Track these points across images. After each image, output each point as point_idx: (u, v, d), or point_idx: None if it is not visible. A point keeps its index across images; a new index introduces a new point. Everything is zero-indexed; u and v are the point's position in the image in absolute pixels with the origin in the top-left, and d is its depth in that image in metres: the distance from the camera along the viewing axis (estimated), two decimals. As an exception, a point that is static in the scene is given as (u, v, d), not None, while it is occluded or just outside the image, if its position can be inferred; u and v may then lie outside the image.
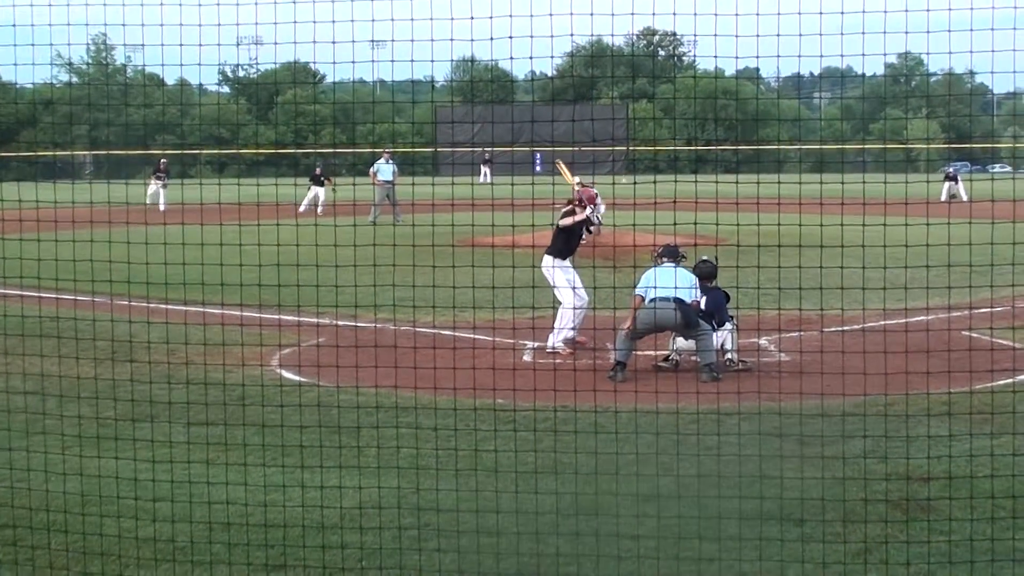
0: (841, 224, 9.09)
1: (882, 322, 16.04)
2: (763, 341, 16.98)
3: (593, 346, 16.69)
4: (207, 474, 9.51)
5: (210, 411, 11.71)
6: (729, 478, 9.51)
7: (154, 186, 49.62)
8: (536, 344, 16.53)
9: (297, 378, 14.87)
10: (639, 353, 15.76)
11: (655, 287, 15.65)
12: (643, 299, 15.69)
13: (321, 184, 47.21)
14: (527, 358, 16.41)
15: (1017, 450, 10.45)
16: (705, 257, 16.73)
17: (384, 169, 44.30)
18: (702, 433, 10.28)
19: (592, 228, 18.65)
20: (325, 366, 12.30)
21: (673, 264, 16.18)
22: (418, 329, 16.23)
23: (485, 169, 66.99)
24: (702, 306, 16.24)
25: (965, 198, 48.49)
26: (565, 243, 17.88)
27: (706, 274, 16.64)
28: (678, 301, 15.49)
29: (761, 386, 12.60)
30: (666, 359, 16.23)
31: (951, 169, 60.16)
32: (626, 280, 14.25)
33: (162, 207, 43.00)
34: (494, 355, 15.03)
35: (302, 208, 42.51)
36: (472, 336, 16.30)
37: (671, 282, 15.37)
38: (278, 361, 15.98)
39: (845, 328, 15.39)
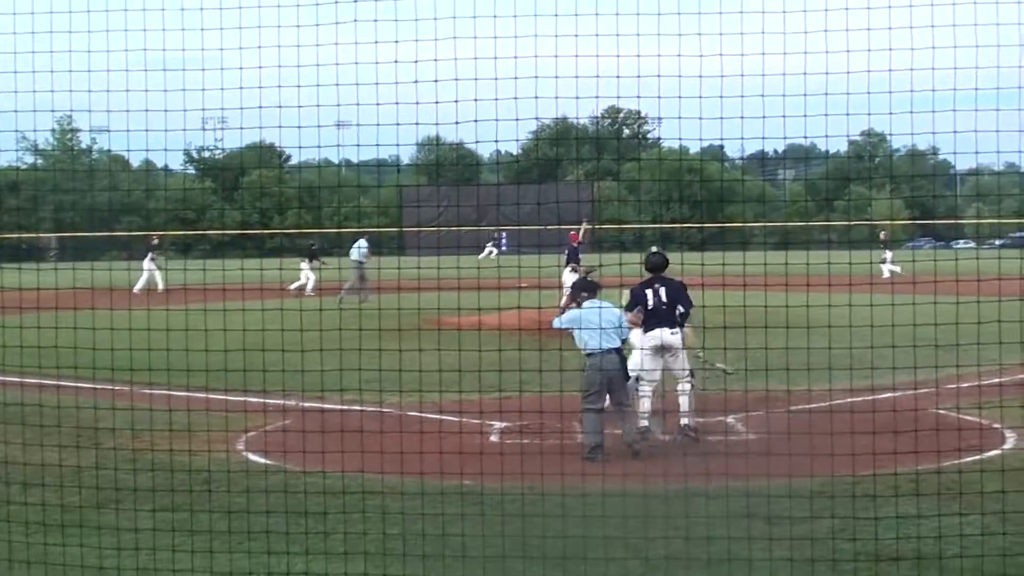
0: (807, 304, 9.14)
1: (849, 399, 16.10)
2: (730, 420, 16.97)
3: (560, 426, 16.65)
4: (172, 561, 9.42)
5: (175, 496, 11.61)
6: (698, 559, 9.48)
7: (147, 270, 48.81)
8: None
9: (263, 461, 14.76)
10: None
11: (601, 329, 15.28)
12: (561, 331, 15.72)
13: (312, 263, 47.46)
14: (494, 439, 16.35)
15: (986, 529, 10.43)
16: (654, 248, 16.87)
17: (356, 250, 44.44)
18: (670, 515, 10.25)
19: None
20: (292, 451, 12.23)
21: (594, 300, 16.08)
22: (384, 411, 16.17)
23: (491, 248, 67.10)
24: (662, 298, 16.36)
25: (897, 271, 48.06)
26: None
27: (659, 265, 16.76)
28: (617, 351, 15.47)
29: (729, 466, 12.58)
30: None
31: (885, 250, 59.72)
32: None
33: (160, 286, 42.32)
34: (461, 437, 14.99)
35: (293, 287, 42.68)
36: (439, 418, 16.24)
37: (613, 322, 15.46)
38: (244, 444, 15.87)
39: (812, 406, 15.42)
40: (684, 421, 16.14)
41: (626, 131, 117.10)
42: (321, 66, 8.96)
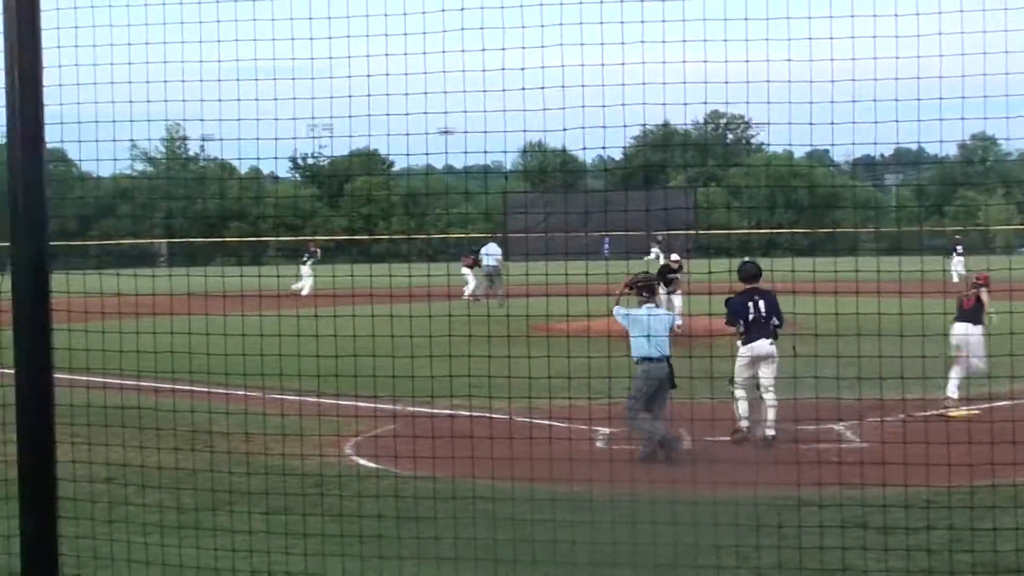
0: (921, 312, 9.01)
1: (964, 410, 15.87)
2: (841, 428, 16.79)
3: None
4: (286, 563, 9.51)
5: (288, 499, 11.71)
6: (811, 569, 9.38)
7: (308, 276, 49.20)
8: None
9: (373, 465, 14.87)
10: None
11: (648, 336, 15.56)
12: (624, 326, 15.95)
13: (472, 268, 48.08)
14: (601, 445, 16.32)
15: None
16: (748, 258, 17.07)
17: (487, 256, 44.25)
18: (783, 524, 10.15)
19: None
20: (401, 456, 12.29)
21: (651, 305, 16.41)
22: (493, 416, 16.20)
23: (656, 251, 67.00)
24: (761, 310, 16.93)
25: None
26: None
27: (753, 275, 17.27)
28: (667, 359, 15.80)
29: (842, 474, 12.44)
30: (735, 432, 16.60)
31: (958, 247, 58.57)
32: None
33: (305, 292, 42.65)
34: (570, 443, 14.97)
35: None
36: (548, 423, 16.23)
37: (661, 330, 15.83)
38: (354, 448, 16.00)
39: (927, 413, 15.21)
40: (769, 433, 16.64)
41: (730, 136, 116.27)
42: (428, 74, 9.00)
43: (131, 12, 8.96)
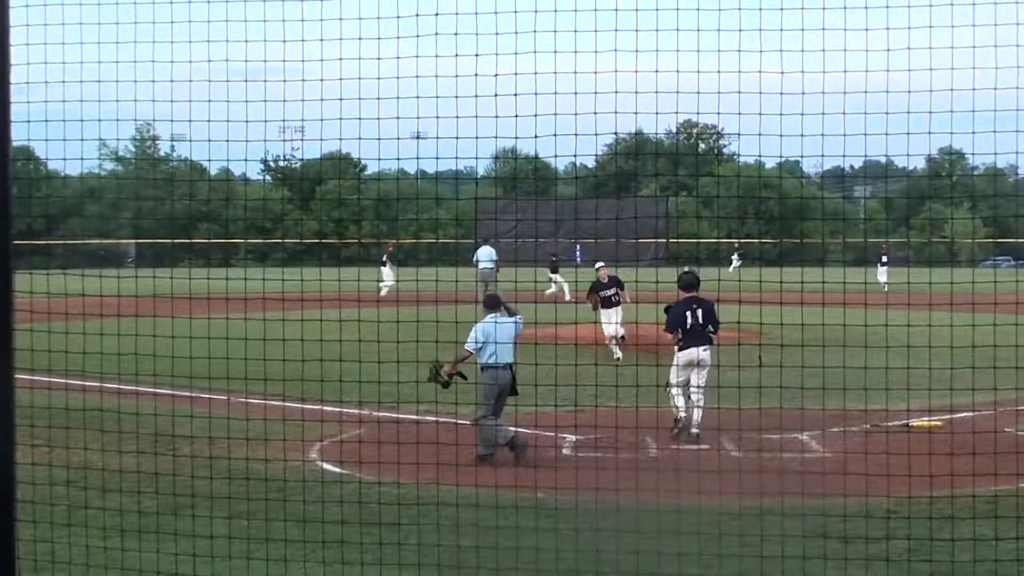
0: (886, 324, 9.06)
1: (926, 419, 15.94)
2: (805, 437, 16.85)
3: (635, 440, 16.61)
4: (247, 568, 9.49)
5: (251, 504, 11.68)
6: (772, 579, 9.41)
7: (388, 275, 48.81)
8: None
9: (338, 470, 14.83)
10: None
11: (495, 342, 15.96)
12: (469, 353, 16.08)
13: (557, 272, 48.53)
14: (567, 452, 16.33)
15: (1065, 553, 10.28)
16: (687, 268, 17.64)
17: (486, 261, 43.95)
18: (745, 533, 10.18)
19: None
20: (366, 461, 12.27)
21: (494, 315, 16.55)
22: (459, 422, 16.19)
23: (738, 260, 67.34)
24: (699, 318, 17.74)
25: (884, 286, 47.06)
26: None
27: (692, 284, 18.09)
28: (510, 366, 16.07)
29: (804, 484, 12.48)
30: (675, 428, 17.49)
31: (884, 256, 59.10)
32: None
33: (384, 293, 42.44)
34: (536, 450, 14.98)
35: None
36: (513, 430, 16.24)
37: (506, 337, 16.04)
38: (319, 453, 15.95)
39: (889, 424, 15.27)
40: (694, 430, 17.56)
41: (702, 146, 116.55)
42: (401, 78, 9.00)
43: (102, 10, 8.94)
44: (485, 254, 43.77)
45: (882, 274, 54.57)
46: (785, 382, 10.70)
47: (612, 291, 29.07)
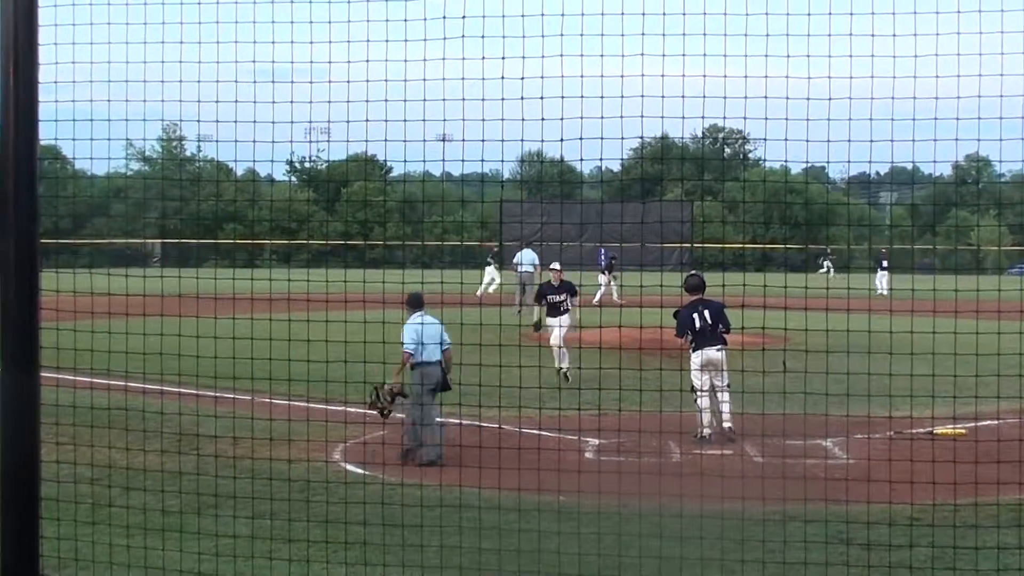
0: (911, 331, 9.01)
1: (950, 427, 15.87)
2: (829, 443, 16.80)
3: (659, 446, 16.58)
4: (270, 568, 9.50)
5: (274, 504, 11.69)
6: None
7: (493, 278, 49.21)
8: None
9: (361, 471, 14.85)
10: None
11: (423, 343, 16.50)
12: (411, 355, 16.48)
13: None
14: (590, 456, 16.31)
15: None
16: (693, 271, 17.94)
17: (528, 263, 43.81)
18: (768, 539, 10.15)
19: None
20: (389, 462, 12.29)
21: (419, 314, 16.94)
22: (483, 424, 16.19)
23: (827, 264, 67.22)
24: (707, 319, 18.21)
25: (885, 291, 46.81)
26: None
27: (697, 286, 18.59)
28: (439, 363, 16.58)
29: (828, 490, 12.44)
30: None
31: (884, 260, 59.04)
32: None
33: (492, 290, 42.58)
34: (559, 453, 14.94)
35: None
36: (537, 433, 16.24)
37: (433, 336, 16.54)
38: (342, 454, 15.98)
39: (914, 431, 15.22)
40: (726, 425, 18.02)
41: (727, 150, 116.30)
42: (428, 81, 8.99)
43: (130, 11, 8.96)
44: (527, 258, 43.73)
45: (882, 279, 54.55)
46: (809, 388, 10.68)
47: (562, 297, 26.64)
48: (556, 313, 26.40)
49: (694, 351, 18.36)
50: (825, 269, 65.71)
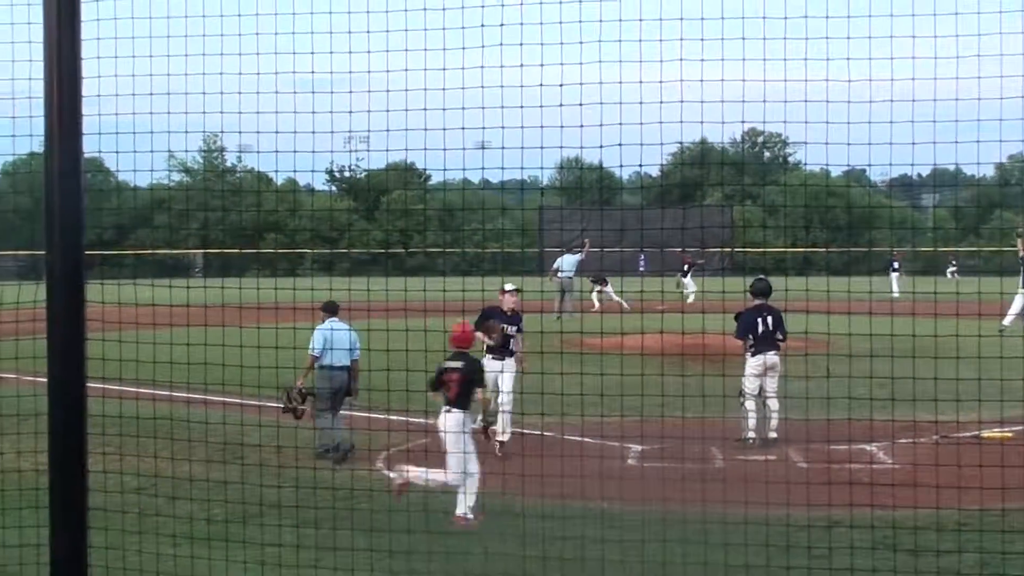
0: (956, 334, 8.95)
1: (997, 430, 15.76)
2: (874, 448, 16.71)
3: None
4: (315, 577, 9.52)
5: (318, 512, 11.73)
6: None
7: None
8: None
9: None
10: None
11: (331, 348, 17.09)
12: (316, 358, 17.07)
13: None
14: (633, 462, 16.28)
15: None
16: (760, 276, 18.58)
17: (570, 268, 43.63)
18: (813, 545, 10.10)
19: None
20: (433, 469, 12.29)
21: (333, 320, 17.54)
22: (525, 432, 16.19)
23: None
24: (769, 325, 18.39)
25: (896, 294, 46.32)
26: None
27: (764, 291, 18.71)
28: (346, 368, 17.14)
29: (874, 495, 12.36)
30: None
31: (895, 263, 58.54)
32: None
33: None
34: (601, 460, 14.93)
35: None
36: (580, 440, 16.22)
37: (342, 342, 17.13)
38: (385, 462, 16.00)
39: (960, 435, 15.12)
40: (772, 435, 18.05)
41: (767, 154, 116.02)
42: (466, 89, 9.00)
43: (171, 24, 9.01)
44: (568, 263, 43.64)
45: (894, 281, 53.98)
46: (853, 392, 10.63)
47: (513, 329, 18.82)
48: (501, 353, 18.31)
49: (753, 355, 18.54)
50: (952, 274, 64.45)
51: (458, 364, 13.29)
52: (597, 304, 45.27)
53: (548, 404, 11.09)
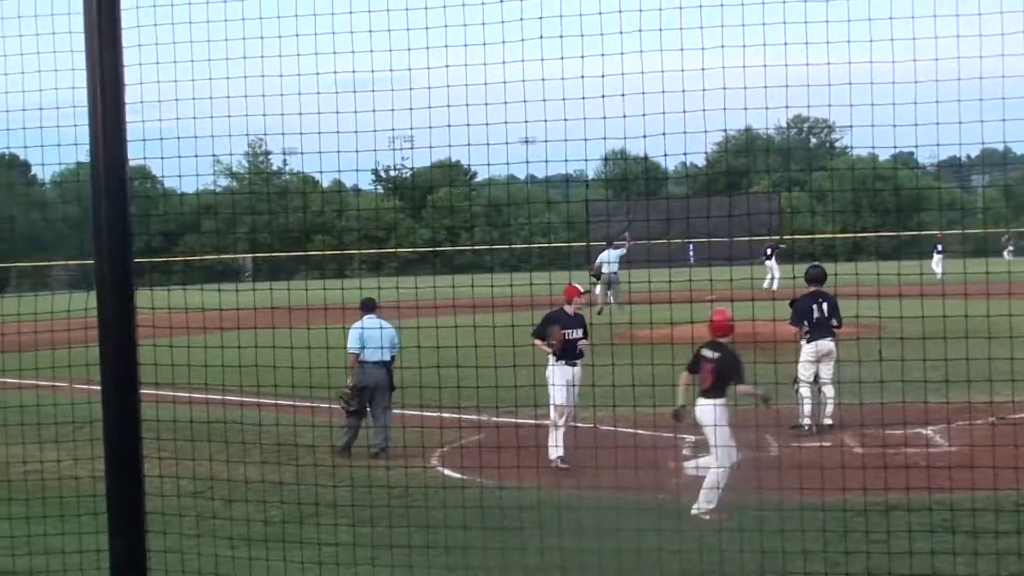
0: (1009, 314, 8.87)
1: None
2: (929, 431, 16.59)
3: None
4: (373, 575, 9.54)
5: (373, 511, 11.76)
6: (900, 575, 9.26)
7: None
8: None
9: (459, 476, 14.88)
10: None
11: (366, 345, 17.25)
12: (356, 357, 17.22)
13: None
14: (687, 453, 16.21)
15: None
16: (815, 263, 19.12)
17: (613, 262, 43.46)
18: (872, 530, 10.04)
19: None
20: (487, 466, 12.29)
21: (372, 317, 17.59)
22: (577, 425, 16.16)
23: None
24: (824, 312, 18.20)
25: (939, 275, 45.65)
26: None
27: (820, 277, 18.56)
28: (386, 364, 17.29)
29: (931, 478, 12.28)
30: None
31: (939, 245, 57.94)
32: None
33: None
34: (655, 451, 14.89)
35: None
36: (632, 431, 16.18)
37: (376, 338, 17.24)
38: (439, 459, 16.02)
39: (1016, 415, 14.99)
40: (827, 421, 18.04)
41: (813, 140, 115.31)
42: (508, 83, 8.99)
43: (211, 28, 9.04)
44: (612, 257, 43.48)
45: (937, 264, 53.42)
46: (907, 376, 10.55)
47: (579, 334, 16.52)
48: (572, 357, 16.41)
49: (808, 342, 18.44)
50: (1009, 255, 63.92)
51: (714, 355, 13.38)
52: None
53: (599, 397, 11.07)
